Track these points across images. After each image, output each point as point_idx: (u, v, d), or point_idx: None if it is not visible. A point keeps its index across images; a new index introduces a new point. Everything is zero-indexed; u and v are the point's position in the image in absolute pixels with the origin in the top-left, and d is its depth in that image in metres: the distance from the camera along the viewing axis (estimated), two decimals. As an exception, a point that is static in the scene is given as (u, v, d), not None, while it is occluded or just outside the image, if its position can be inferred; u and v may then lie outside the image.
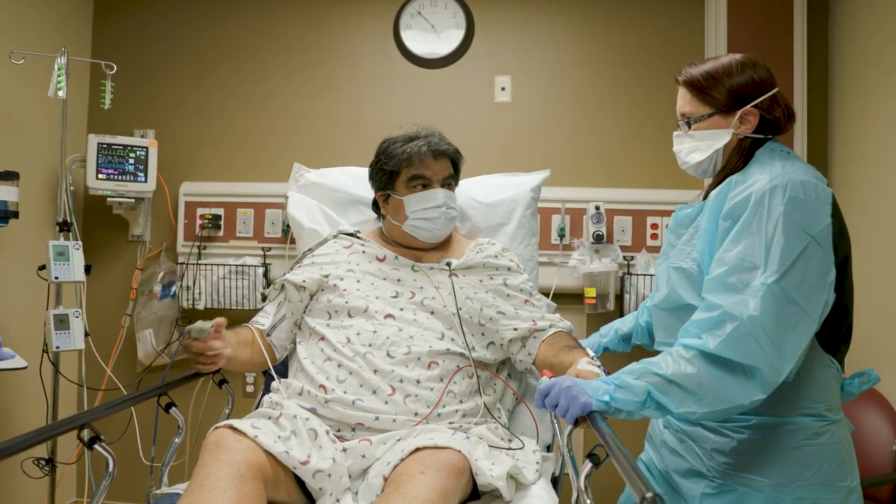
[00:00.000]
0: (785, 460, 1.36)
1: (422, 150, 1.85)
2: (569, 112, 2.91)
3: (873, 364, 2.35)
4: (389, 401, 1.57)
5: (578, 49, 2.92)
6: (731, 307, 1.27)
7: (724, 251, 1.34)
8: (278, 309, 1.82)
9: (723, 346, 1.25)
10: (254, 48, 3.02)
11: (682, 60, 2.68)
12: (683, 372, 1.26)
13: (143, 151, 2.77)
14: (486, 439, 1.57)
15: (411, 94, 2.97)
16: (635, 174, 2.85)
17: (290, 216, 2.25)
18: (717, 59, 1.49)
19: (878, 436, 2.16)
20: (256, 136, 3.00)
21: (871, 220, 2.47)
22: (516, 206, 2.17)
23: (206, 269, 2.82)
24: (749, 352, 1.24)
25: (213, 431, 1.42)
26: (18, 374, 2.61)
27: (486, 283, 1.84)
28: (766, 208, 1.30)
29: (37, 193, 2.70)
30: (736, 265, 1.30)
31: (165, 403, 1.55)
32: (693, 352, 1.27)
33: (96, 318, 2.91)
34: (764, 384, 1.25)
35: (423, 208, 1.84)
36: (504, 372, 1.85)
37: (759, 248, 1.29)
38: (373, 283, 1.81)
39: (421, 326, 1.72)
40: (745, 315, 1.25)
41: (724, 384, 1.25)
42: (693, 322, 1.32)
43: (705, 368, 1.26)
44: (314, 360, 1.70)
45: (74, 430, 1.26)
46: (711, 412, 1.26)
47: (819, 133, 2.78)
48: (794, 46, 2.68)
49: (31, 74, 2.58)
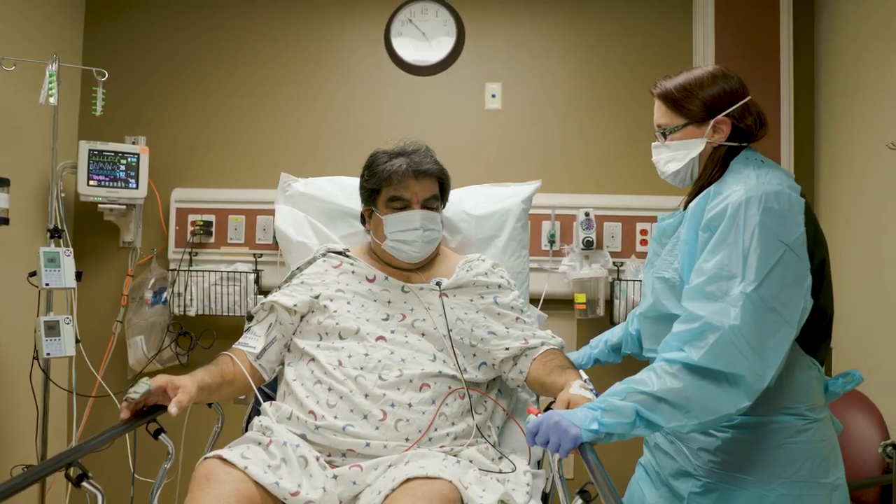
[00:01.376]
0: (768, 458, 1.39)
1: (401, 170, 1.82)
2: (559, 119, 2.93)
3: (859, 367, 2.37)
4: (380, 426, 1.57)
5: (568, 56, 2.95)
6: (711, 318, 1.29)
7: (702, 261, 1.37)
8: (269, 331, 1.78)
9: (707, 357, 1.27)
10: (245, 55, 3.03)
11: (671, 68, 2.71)
12: (670, 387, 1.28)
13: (134, 158, 2.77)
14: (476, 462, 1.57)
15: (402, 100, 2.98)
16: (625, 181, 2.88)
17: (278, 229, 2.23)
18: (691, 71, 1.54)
19: (865, 438, 2.18)
20: (248, 143, 3.01)
21: (855, 224, 2.50)
22: (507, 218, 2.17)
23: (198, 275, 2.82)
24: (732, 360, 1.27)
25: (203, 463, 1.41)
26: (8, 380, 2.60)
27: (477, 302, 1.82)
28: (742, 219, 1.34)
29: (28, 200, 2.70)
30: (715, 274, 1.33)
31: (154, 430, 1.50)
32: (677, 366, 1.30)
33: (87, 325, 2.90)
34: (748, 391, 1.27)
35: (400, 230, 1.82)
36: (494, 389, 1.84)
37: (736, 257, 1.32)
38: (363, 304, 1.80)
39: (412, 349, 1.71)
40: (727, 325, 1.27)
41: (710, 395, 1.28)
42: (674, 334, 1.35)
43: (690, 381, 1.28)
44: (304, 382, 1.68)
45: (62, 469, 1.24)
46: (700, 424, 1.29)
47: (805, 138, 2.82)
48: (780, 53, 2.72)
49: (23, 81, 2.58)
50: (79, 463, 1.26)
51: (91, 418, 2.86)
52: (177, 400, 1.46)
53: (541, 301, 2.73)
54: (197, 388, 1.54)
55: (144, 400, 1.46)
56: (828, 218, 2.69)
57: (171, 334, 2.86)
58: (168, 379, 1.50)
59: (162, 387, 1.48)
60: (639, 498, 1.63)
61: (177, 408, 1.45)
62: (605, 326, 2.82)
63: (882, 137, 2.30)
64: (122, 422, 1.44)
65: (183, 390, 1.49)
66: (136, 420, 1.46)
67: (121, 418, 1.45)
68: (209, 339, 2.86)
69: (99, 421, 2.88)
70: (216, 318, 2.90)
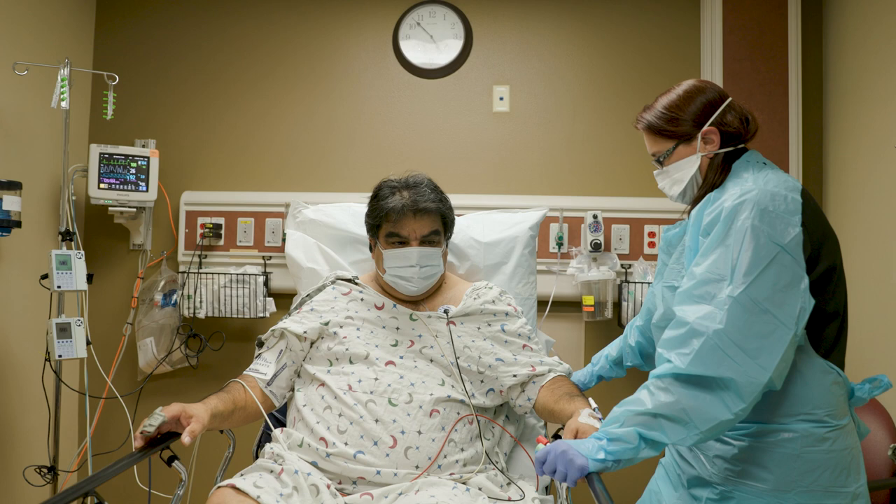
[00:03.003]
0: (786, 467, 1.37)
1: (397, 208, 1.83)
2: (567, 121, 2.94)
3: (869, 368, 2.37)
4: (391, 453, 1.58)
5: (576, 59, 2.95)
6: (696, 323, 1.30)
7: (694, 265, 1.38)
8: (279, 358, 1.80)
9: (694, 364, 1.28)
10: (254, 59, 3.04)
11: (679, 69, 2.72)
12: (664, 402, 1.29)
13: (144, 161, 2.79)
14: (485, 490, 1.58)
15: (410, 103, 2.99)
16: (633, 183, 2.88)
17: (288, 255, 2.25)
18: (667, 94, 1.57)
19: (875, 441, 2.17)
20: (257, 146, 3.02)
21: (864, 225, 2.49)
22: (515, 244, 2.18)
23: (207, 277, 2.84)
24: (719, 364, 1.27)
25: (216, 492, 1.43)
26: (20, 382, 2.63)
27: (484, 329, 1.84)
28: (734, 222, 1.34)
29: (39, 203, 2.72)
30: (704, 278, 1.34)
31: (168, 457, 1.52)
32: (667, 379, 1.30)
33: (98, 327, 2.92)
34: (741, 393, 1.27)
35: (397, 265, 1.84)
36: (502, 415, 1.85)
37: (726, 260, 1.33)
38: (372, 331, 1.82)
39: (422, 373, 1.72)
40: (711, 329, 1.28)
41: (704, 402, 1.28)
42: (663, 341, 1.36)
43: (682, 391, 1.29)
44: (314, 407, 1.69)
45: (79, 498, 1.26)
46: (702, 433, 1.29)
47: (814, 139, 2.81)
48: (788, 54, 2.72)
49: (35, 85, 2.60)
50: (95, 492, 1.29)
51: (102, 419, 2.88)
52: (189, 429, 1.48)
53: (549, 303, 2.73)
54: (209, 416, 1.56)
55: (158, 429, 1.48)
56: (836, 219, 2.68)
57: (181, 336, 2.87)
58: (182, 408, 1.52)
59: (175, 416, 1.50)
60: (656, 497, 1.63)
61: (190, 437, 1.47)
62: (613, 328, 2.83)
63: (890, 138, 2.30)
64: (137, 450, 1.46)
65: (196, 419, 1.51)
66: (150, 448, 1.48)
67: (135, 447, 1.47)
68: (219, 341, 2.88)
69: (110, 422, 2.90)
70: (226, 319, 2.91)
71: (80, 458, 2.83)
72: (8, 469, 2.58)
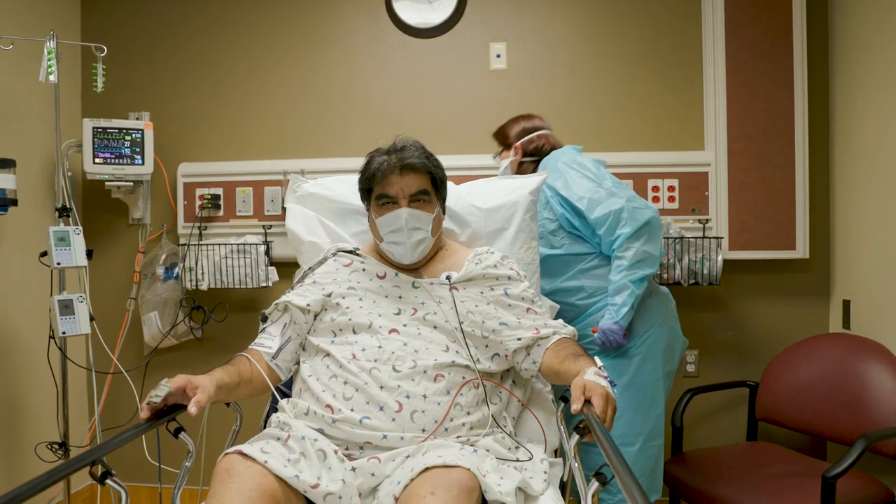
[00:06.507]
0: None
1: (384, 167, 1.80)
2: (565, 77, 2.88)
3: (878, 322, 2.35)
4: (397, 417, 1.57)
5: (573, 14, 2.88)
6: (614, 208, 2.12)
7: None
8: (283, 331, 1.79)
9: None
10: (247, 25, 2.98)
11: (676, 24, 2.66)
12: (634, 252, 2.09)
13: (138, 134, 2.76)
14: (493, 451, 1.57)
15: (406, 64, 2.94)
16: (633, 137, 2.83)
17: (289, 230, 2.22)
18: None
19: (885, 389, 2.16)
20: (253, 115, 2.98)
21: (872, 218, 2.45)
22: (516, 210, 2.14)
23: (208, 249, 2.82)
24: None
25: (224, 458, 1.42)
26: (26, 360, 2.63)
27: (487, 294, 1.81)
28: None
29: (34, 180, 2.70)
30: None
31: (174, 429, 1.51)
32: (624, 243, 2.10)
33: (101, 303, 2.92)
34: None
35: (389, 230, 1.81)
36: (508, 380, 1.84)
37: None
38: (375, 300, 1.80)
39: (425, 340, 1.71)
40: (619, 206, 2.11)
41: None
42: (605, 231, 2.15)
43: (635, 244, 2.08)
44: (319, 377, 1.68)
45: (86, 466, 1.25)
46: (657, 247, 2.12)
47: (820, 135, 2.76)
48: (793, 48, 2.68)
49: (21, 60, 2.56)
50: (103, 461, 1.27)
51: (110, 395, 2.89)
52: (196, 400, 1.46)
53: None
54: (215, 387, 1.54)
55: (164, 400, 1.47)
56: (843, 212, 2.66)
57: (185, 309, 2.87)
58: (187, 379, 1.50)
59: (181, 387, 1.49)
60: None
61: (196, 407, 1.46)
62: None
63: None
64: (143, 421, 1.45)
65: (202, 390, 1.50)
66: (156, 419, 1.46)
67: (141, 418, 1.46)
68: (222, 312, 2.87)
69: (118, 396, 2.91)
70: (228, 290, 2.90)
71: (91, 433, 2.85)
72: (20, 445, 2.60)
